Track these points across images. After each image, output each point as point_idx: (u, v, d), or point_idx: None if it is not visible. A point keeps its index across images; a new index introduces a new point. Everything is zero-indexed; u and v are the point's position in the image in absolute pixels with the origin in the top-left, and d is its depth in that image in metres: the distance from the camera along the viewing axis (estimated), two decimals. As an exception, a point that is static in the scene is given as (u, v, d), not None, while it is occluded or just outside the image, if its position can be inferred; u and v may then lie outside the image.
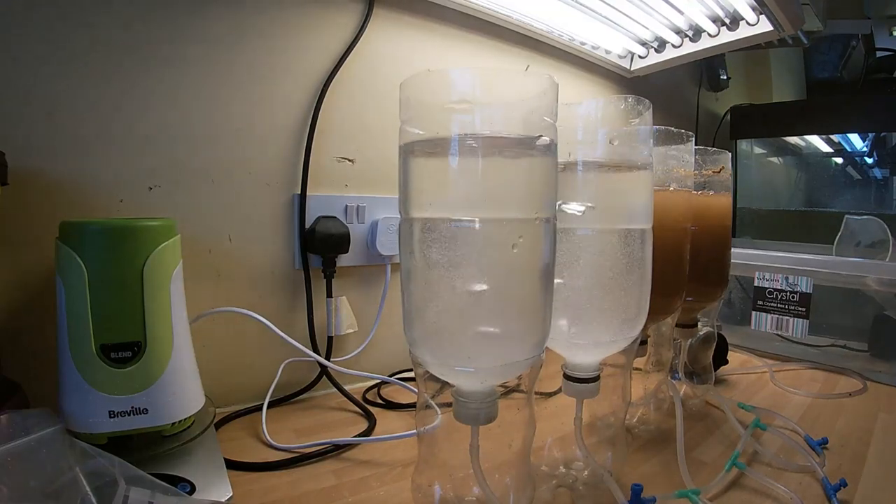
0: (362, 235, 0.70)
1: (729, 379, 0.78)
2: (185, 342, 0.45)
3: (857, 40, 1.57)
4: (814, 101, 1.62)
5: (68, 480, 0.33)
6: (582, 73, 1.01)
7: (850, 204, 1.40)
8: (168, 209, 0.55)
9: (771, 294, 0.85)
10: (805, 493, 0.44)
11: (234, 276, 0.61)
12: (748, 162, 1.48)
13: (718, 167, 0.61)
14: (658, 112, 0.44)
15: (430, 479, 0.39)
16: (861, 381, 0.75)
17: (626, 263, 0.41)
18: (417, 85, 0.33)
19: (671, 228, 0.50)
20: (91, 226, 0.40)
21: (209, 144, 0.58)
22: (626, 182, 0.41)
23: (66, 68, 0.49)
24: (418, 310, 0.34)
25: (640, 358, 0.55)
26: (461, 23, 0.79)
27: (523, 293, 0.33)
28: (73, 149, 0.50)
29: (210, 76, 0.58)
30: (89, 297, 0.39)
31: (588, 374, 0.42)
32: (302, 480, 0.45)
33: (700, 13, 0.85)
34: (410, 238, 0.33)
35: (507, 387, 0.38)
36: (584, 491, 0.44)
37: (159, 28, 0.54)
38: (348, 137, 0.69)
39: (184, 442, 0.43)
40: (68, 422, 0.39)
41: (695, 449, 0.53)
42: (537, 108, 0.33)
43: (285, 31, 0.63)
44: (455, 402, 0.35)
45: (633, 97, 0.41)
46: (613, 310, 0.41)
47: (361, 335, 0.70)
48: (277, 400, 0.62)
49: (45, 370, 0.43)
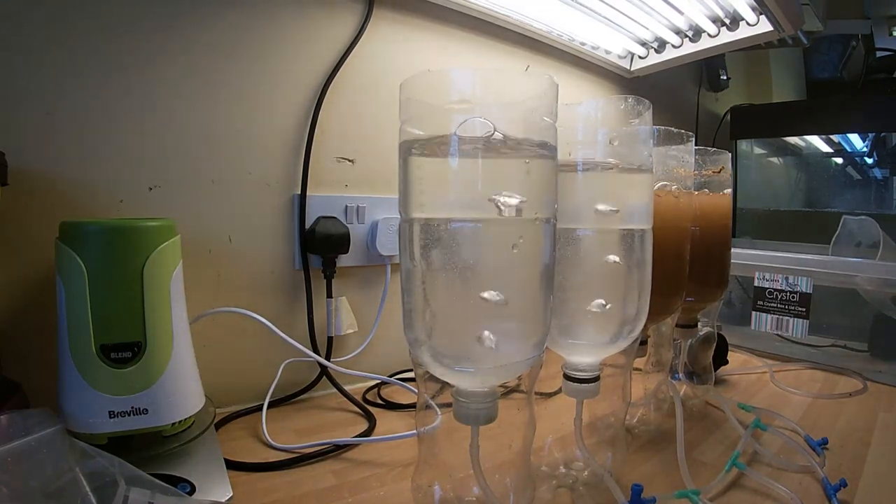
0: (362, 236, 0.70)
1: (729, 379, 0.78)
2: (185, 342, 0.45)
3: (857, 40, 1.57)
4: (814, 101, 1.62)
5: (68, 480, 0.33)
6: (582, 74, 1.01)
7: (850, 204, 1.40)
8: (168, 209, 0.55)
9: (771, 294, 0.85)
10: (805, 493, 0.44)
11: (235, 276, 0.61)
12: (748, 162, 1.48)
13: (718, 167, 0.61)
14: (658, 112, 0.44)
15: (431, 480, 0.39)
16: (861, 381, 0.75)
17: (626, 264, 0.41)
18: (417, 85, 0.33)
19: (671, 228, 0.50)
20: (91, 226, 0.40)
21: (209, 145, 0.58)
22: (626, 182, 0.41)
23: (66, 68, 0.49)
24: (418, 310, 0.34)
25: (640, 358, 0.55)
26: (461, 23, 0.79)
27: (523, 293, 0.33)
28: (74, 149, 0.50)
29: (210, 76, 0.58)
30: (89, 298, 0.39)
31: (588, 375, 0.42)
32: (302, 481, 0.45)
33: (700, 13, 0.85)
34: (410, 238, 0.33)
35: (507, 387, 0.38)
36: (584, 491, 0.44)
37: (159, 28, 0.54)
38: (348, 137, 0.69)
39: (184, 442, 0.43)
40: (68, 422, 0.39)
41: (695, 449, 0.53)
42: (537, 108, 0.33)
43: (285, 31, 0.63)
44: (455, 403, 0.35)
45: (633, 97, 0.41)
46: (613, 310, 0.41)
47: (361, 335, 0.70)
48: (277, 400, 0.62)
49: (45, 370, 0.43)
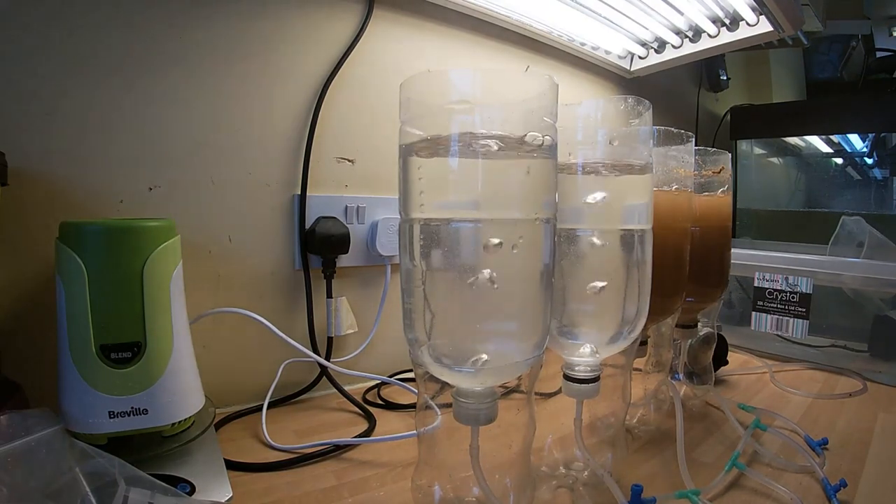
0: (362, 236, 0.70)
1: (729, 379, 0.78)
2: (185, 342, 0.45)
3: (857, 41, 1.57)
4: (814, 102, 1.62)
5: (68, 481, 0.33)
6: (582, 74, 1.01)
7: (850, 204, 1.40)
8: (168, 210, 0.55)
9: (771, 294, 0.85)
10: (805, 493, 0.44)
11: (234, 276, 0.61)
12: (748, 162, 1.48)
13: (718, 167, 0.61)
14: (658, 112, 0.44)
15: (431, 480, 0.39)
16: (861, 382, 0.75)
17: (626, 264, 0.41)
18: (417, 85, 0.33)
19: (671, 229, 0.50)
20: (91, 226, 0.40)
21: (209, 145, 0.58)
22: (626, 183, 0.41)
23: (66, 69, 0.49)
24: (418, 310, 0.34)
25: (640, 358, 0.55)
26: (461, 23, 0.79)
27: (523, 294, 0.33)
28: (74, 149, 0.50)
29: (210, 76, 0.58)
30: (89, 298, 0.39)
31: (588, 375, 0.42)
32: (302, 481, 0.45)
33: (700, 14, 0.85)
34: (410, 239, 0.33)
35: (507, 387, 0.38)
36: (584, 491, 0.44)
37: (159, 29, 0.54)
38: (348, 138, 0.69)
39: (184, 442, 0.43)
40: (68, 422, 0.39)
41: (695, 449, 0.53)
42: (537, 108, 0.33)
43: (285, 31, 0.63)
44: (455, 403, 0.35)
45: (632, 98, 0.41)
46: (613, 310, 0.41)
47: (361, 336, 0.70)
48: (277, 400, 0.62)
49: (45, 370, 0.43)
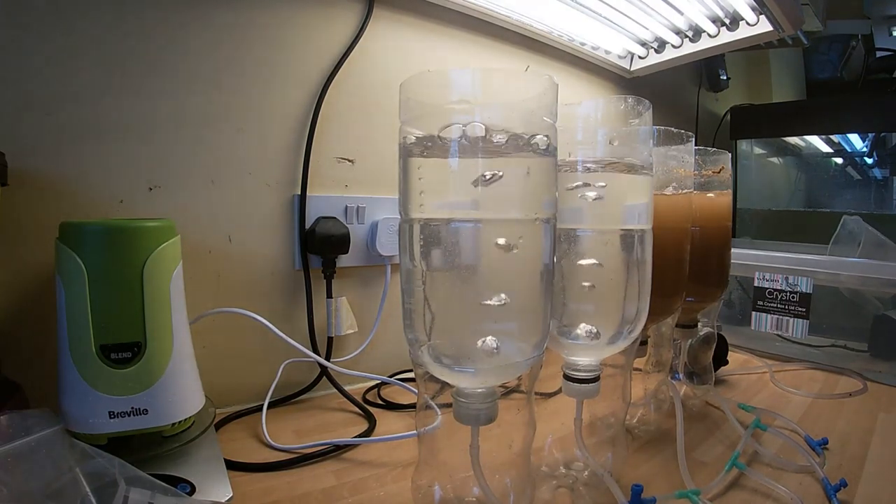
0: (362, 236, 0.70)
1: (729, 379, 0.78)
2: (185, 342, 0.45)
3: (857, 40, 1.57)
4: (814, 102, 1.62)
5: (68, 481, 0.33)
6: (582, 74, 1.01)
7: (850, 204, 1.40)
8: (168, 210, 0.55)
9: (771, 294, 0.85)
10: (805, 493, 0.44)
11: (235, 276, 0.61)
12: (748, 162, 1.48)
13: (718, 167, 0.61)
14: (658, 112, 0.44)
15: (431, 480, 0.39)
16: (861, 382, 0.75)
17: (626, 264, 0.41)
18: (417, 85, 0.33)
19: (671, 229, 0.50)
20: (91, 226, 0.40)
21: (209, 145, 0.58)
22: (626, 183, 0.41)
23: (66, 69, 0.49)
24: (418, 310, 0.34)
25: (640, 358, 0.55)
26: (461, 23, 0.79)
27: (523, 294, 0.33)
28: (73, 149, 0.50)
29: (210, 76, 0.58)
30: (89, 298, 0.39)
31: (588, 375, 0.42)
32: (302, 481, 0.45)
33: (700, 13, 0.85)
34: (410, 239, 0.33)
35: (507, 387, 0.38)
36: (584, 491, 0.44)
37: (159, 28, 0.54)
38: (348, 137, 0.69)
39: (184, 442, 0.43)
40: (68, 422, 0.39)
41: (695, 449, 0.53)
42: (537, 108, 0.33)
43: (285, 31, 0.63)
44: (455, 403, 0.35)
45: (632, 97, 0.41)
46: (613, 310, 0.41)
47: (361, 336, 0.70)
48: (277, 400, 0.62)
49: (45, 370, 0.43)
